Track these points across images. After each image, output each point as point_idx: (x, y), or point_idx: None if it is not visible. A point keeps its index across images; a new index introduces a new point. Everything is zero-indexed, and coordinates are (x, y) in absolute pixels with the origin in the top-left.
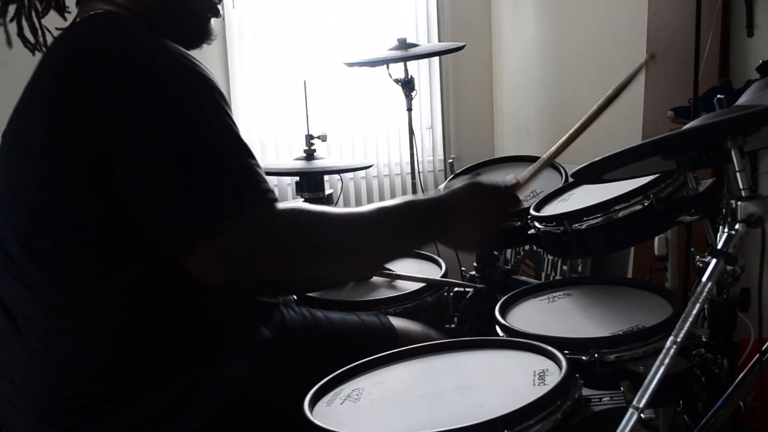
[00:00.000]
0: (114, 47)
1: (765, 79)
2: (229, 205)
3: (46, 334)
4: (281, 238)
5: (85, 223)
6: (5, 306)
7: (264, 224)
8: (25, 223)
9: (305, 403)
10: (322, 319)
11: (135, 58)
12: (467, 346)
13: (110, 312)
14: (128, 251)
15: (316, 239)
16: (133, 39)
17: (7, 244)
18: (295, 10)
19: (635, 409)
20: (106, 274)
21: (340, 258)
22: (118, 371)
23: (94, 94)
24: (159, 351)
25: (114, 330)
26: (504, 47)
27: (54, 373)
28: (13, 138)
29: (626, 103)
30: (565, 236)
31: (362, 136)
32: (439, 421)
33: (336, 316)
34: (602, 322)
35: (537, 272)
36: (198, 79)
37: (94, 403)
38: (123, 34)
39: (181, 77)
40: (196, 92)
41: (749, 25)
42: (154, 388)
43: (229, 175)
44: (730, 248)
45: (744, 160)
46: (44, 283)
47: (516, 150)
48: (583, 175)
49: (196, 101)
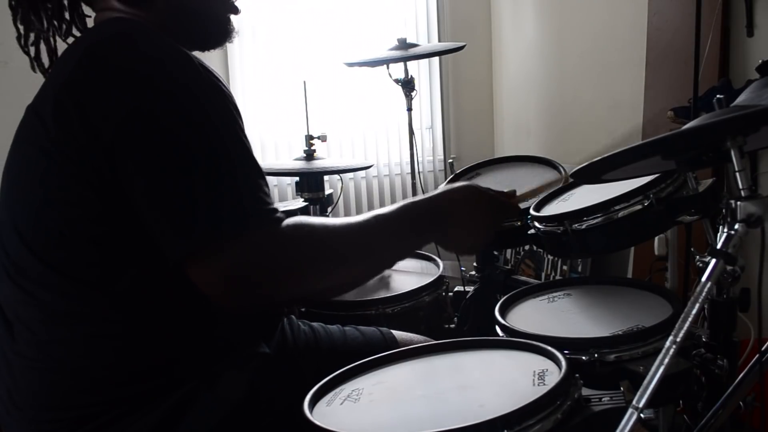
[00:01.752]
0: (128, 54)
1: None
2: (233, 221)
3: (39, 341)
4: (282, 256)
5: (87, 222)
6: (2, 311)
7: (264, 244)
8: (28, 218)
9: (305, 404)
10: (322, 334)
11: (148, 67)
12: (467, 346)
13: (106, 321)
14: (128, 257)
15: (313, 257)
16: (149, 47)
17: (8, 242)
18: (295, 10)
19: (635, 409)
20: (104, 280)
21: (343, 269)
22: (113, 384)
23: (105, 100)
24: (155, 364)
25: (109, 340)
26: (504, 47)
27: (46, 382)
28: (24, 132)
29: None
30: (565, 236)
31: (362, 136)
32: (439, 421)
33: (336, 331)
34: (602, 322)
35: (537, 272)
36: (213, 92)
37: (89, 415)
38: (139, 41)
39: (194, 89)
40: (209, 105)
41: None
42: (150, 402)
43: (236, 191)
44: (729, 248)
45: (744, 160)
46: (41, 285)
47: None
48: (583, 175)
49: (208, 114)
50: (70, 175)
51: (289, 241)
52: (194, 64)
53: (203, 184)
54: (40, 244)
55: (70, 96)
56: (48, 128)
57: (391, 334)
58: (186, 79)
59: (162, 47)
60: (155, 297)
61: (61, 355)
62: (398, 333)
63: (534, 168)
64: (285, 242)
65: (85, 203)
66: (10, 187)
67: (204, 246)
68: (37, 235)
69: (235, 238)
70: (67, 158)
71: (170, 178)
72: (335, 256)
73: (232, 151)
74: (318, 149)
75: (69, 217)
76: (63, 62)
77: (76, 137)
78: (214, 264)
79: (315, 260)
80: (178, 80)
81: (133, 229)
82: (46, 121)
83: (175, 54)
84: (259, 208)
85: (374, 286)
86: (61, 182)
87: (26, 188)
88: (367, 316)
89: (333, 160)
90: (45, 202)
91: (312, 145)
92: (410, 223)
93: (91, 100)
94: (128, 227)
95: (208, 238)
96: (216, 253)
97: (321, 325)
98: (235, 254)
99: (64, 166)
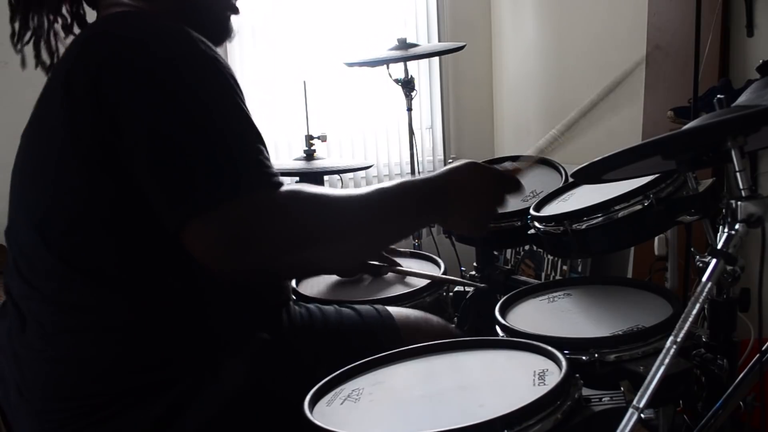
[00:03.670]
0: (132, 29)
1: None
2: (230, 184)
3: (47, 333)
4: (278, 221)
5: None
6: (17, 305)
7: (262, 206)
8: (43, 205)
9: (305, 404)
10: (317, 314)
11: (150, 40)
12: (467, 346)
13: (112, 312)
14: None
15: (312, 222)
16: (151, 23)
17: (22, 236)
18: (295, 10)
19: (635, 409)
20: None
21: (338, 240)
22: (120, 374)
23: (110, 74)
24: (161, 355)
25: (115, 331)
26: (504, 47)
27: (53, 374)
28: (37, 123)
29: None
30: (565, 236)
31: (362, 136)
32: (439, 421)
33: (332, 312)
34: (602, 322)
35: (537, 272)
36: (213, 63)
37: (96, 406)
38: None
39: (196, 58)
40: (210, 75)
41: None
42: (155, 392)
43: (235, 154)
44: (730, 248)
45: (744, 160)
46: (51, 279)
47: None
48: (583, 175)
49: (209, 82)
50: (82, 158)
51: (287, 205)
52: (194, 38)
53: (203, 150)
54: (53, 232)
55: (78, 77)
56: (57, 112)
57: (387, 311)
58: (186, 50)
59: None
60: (160, 288)
61: (67, 346)
62: (394, 309)
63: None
64: (283, 206)
65: (98, 184)
66: (22, 180)
67: (202, 209)
68: (50, 223)
69: (232, 200)
70: (79, 140)
71: (171, 144)
72: (333, 224)
73: (233, 117)
74: (318, 149)
75: (82, 199)
76: (70, 50)
77: (86, 116)
78: (211, 225)
79: (313, 227)
80: (179, 50)
81: (144, 212)
82: (56, 106)
83: (176, 28)
84: (258, 170)
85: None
86: (75, 164)
87: (39, 177)
88: None
89: (333, 160)
90: (58, 186)
91: (312, 145)
92: (414, 198)
93: (98, 76)
94: (139, 210)
95: (206, 200)
96: (213, 214)
97: (316, 306)
98: (232, 215)
99: (76, 148)
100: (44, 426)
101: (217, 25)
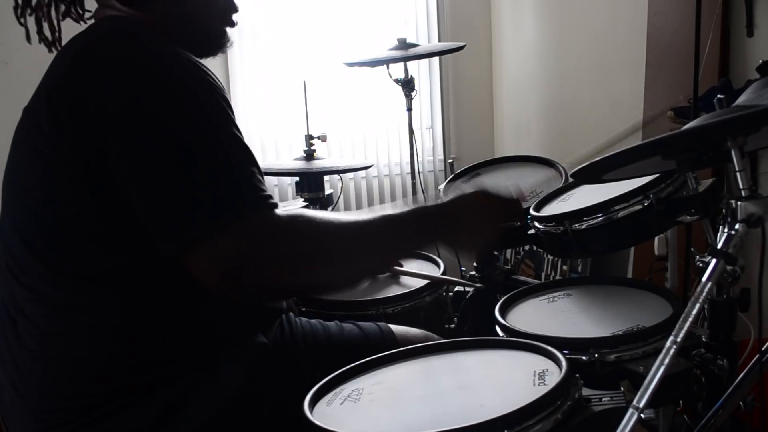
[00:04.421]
0: (122, 50)
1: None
2: (229, 209)
3: (42, 333)
4: (279, 244)
5: (84, 220)
6: (6, 308)
7: (263, 229)
8: (27, 218)
9: (305, 403)
10: (319, 328)
11: (141, 62)
12: (467, 346)
13: (105, 313)
14: (125, 252)
15: (312, 246)
16: (142, 43)
17: (11, 241)
18: (295, 10)
19: (635, 409)
20: (101, 275)
21: (338, 264)
22: (115, 374)
23: (99, 95)
24: (156, 355)
25: (111, 331)
26: (504, 47)
27: (49, 373)
28: (21, 133)
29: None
30: (565, 236)
31: (362, 136)
32: (439, 421)
33: (334, 327)
34: (602, 322)
35: (537, 272)
36: (205, 86)
37: (92, 405)
38: (133, 37)
39: (187, 83)
40: (202, 99)
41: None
42: (151, 392)
43: (230, 180)
44: (730, 248)
45: (744, 160)
46: (43, 281)
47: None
48: (583, 175)
49: (201, 107)
50: (66, 175)
51: (283, 230)
52: (185, 60)
53: (197, 176)
54: (39, 244)
55: (63, 95)
56: (42, 129)
57: (388, 329)
58: (178, 73)
59: (156, 43)
60: (153, 289)
61: (63, 345)
62: (396, 327)
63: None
64: (279, 231)
65: (81, 202)
66: (10, 188)
67: (200, 236)
68: (36, 235)
69: (230, 226)
70: (61, 158)
71: (165, 171)
72: (328, 250)
73: (225, 141)
74: (318, 149)
75: (65, 216)
76: (57, 63)
77: (69, 136)
78: (210, 253)
79: (309, 253)
80: (171, 74)
81: (129, 225)
82: (41, 122)
83: (168, 49)
84: (253, 195)
85: (375, 286)
86: (57, 182)
87: (24, 189)
88: (367, 316)
89: (333, 160)
90: (42, 202)
91: (312, 145)
92: (420, 226)
93: (84, 97)
94: (124, 224)
95: (204, 228)
96: (212, 242)
97: (319, 321)
98: (230, 242)
99: (59, 166)
100: (39, 425)
101: (212, 38)
